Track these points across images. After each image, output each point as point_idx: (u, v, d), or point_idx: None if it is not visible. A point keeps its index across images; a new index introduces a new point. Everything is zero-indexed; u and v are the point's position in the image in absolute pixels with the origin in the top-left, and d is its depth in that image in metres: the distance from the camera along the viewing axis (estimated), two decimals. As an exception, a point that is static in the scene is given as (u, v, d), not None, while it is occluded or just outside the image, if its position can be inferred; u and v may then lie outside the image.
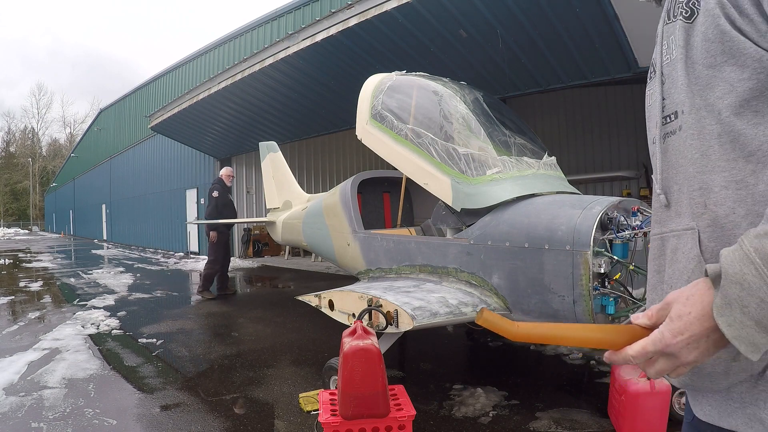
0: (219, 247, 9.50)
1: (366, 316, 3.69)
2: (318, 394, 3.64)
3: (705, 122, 0.97)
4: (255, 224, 16.43)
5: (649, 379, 3.16)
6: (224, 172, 9.83)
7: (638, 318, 0.94)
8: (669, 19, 1.07)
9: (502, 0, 6.93)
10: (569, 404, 3.92)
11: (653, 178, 1.14)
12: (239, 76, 10.94)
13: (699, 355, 0.86)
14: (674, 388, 3.35)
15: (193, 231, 19.59)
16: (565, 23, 7.21)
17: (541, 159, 4.42)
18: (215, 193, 9.43)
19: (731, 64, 0.92)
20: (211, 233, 9.49)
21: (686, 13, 1.00)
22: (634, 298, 3.40)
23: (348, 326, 3.33)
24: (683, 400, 3.41)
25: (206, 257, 10.10)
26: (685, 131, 1.01)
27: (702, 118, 0.98)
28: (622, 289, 3.38)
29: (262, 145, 9.05)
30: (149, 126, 16.60)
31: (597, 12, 6.82)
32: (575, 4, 6.74)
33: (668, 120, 1.07)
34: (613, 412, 3.50)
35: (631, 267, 3.35)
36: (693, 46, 0.99)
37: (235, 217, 9.63)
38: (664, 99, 1.09)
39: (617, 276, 3.34)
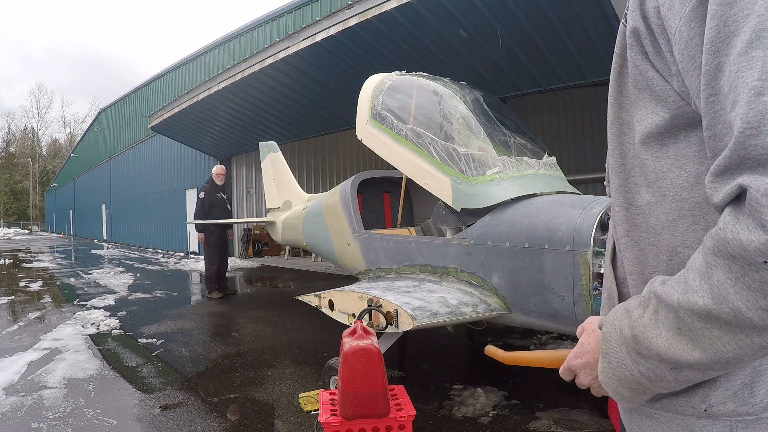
0: (210, 248, 9.45)
1: (366, 316, 3.69)
2: (318, 394, 3.63)
3: (625, 138, 0.97)
4: (255, 224, 16.41)
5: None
6: (214, 170, 9.70)
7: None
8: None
9: (501, 0, 6.94)
10: (569, 404, 3.92)
11: None
12: (239, 76, 10.93)
13: (592, 380, 0.97)
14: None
15: (193, 231, 19.54)
16: (565, 23, 7.20)
17: (541, 159, 4.42)
18: (201, 194, 9.35)
19: (648, 95, 0.89)
20: (198, 234, 9.49)
21: (624, 24, 0.94)
22: (634, 297, 3.39)
23: (348, 326, 3.32)
24: None
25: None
26: (611, 143, 1.02)
27: (623, 134, 0.97)
28: None
29: (262, 145, 9.05)
30: (149, 126, 16.59)
31: (597, 12, 6.82)
32: (575, 4, 6.74)
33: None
34: (613, 412, 3.49)
35: (632, 267, 3.34)
36: (627, 60, 0.94)
37: (229, 217, 9.53)
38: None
39: None
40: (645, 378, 0.82)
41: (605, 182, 1.15)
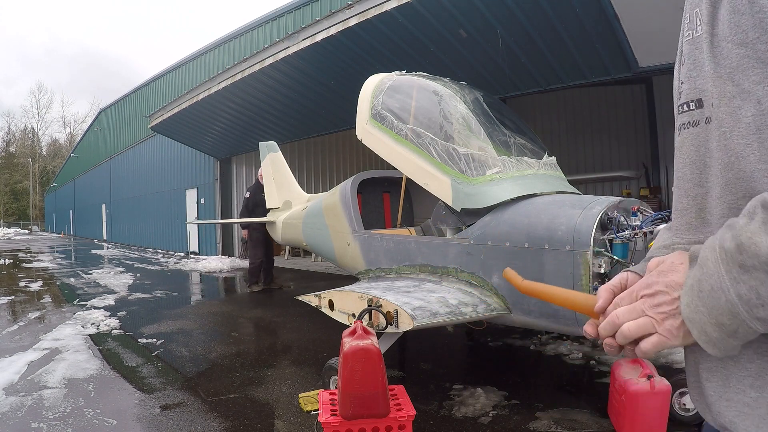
0: (253, 244, 10.31)
1: (366, 316, 3.69)
2: (318, 394, 3.63)
3: (740, 114, 0.80)
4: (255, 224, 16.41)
5: (649, 379, 3.15)
6: (260, 171, 10.10)
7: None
8: None
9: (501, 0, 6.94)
10: (569, 404, 3.92)
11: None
12: (239, 76, 10.94)
13: (664, 320, 0.82)
14: (674, 388, 3.35)
15: (193, 231, 19.57)
16: (565, 23, 7.20)
17: (541, 159, 4.42)
18: (247, 194, 10.19)
19: (765, 41, 0.76)
20: (243, 231, 10.57)
21: None
22: (633, 297, 3.39)
23: (348, 326, 3.33)
24: (683, 400, 3.41)
25: (206, 257, 10.39)
26: (715, 126, 0.85)
27: (736, 109, 0.80)
28: None
29: (262, 145, 9.05)
30: (149, 126, 16.59)
31: (597, 12, 6.81)
32: (575, 3, 6.74)
33: (686, 108, 0.92)
34: (613, 412, 3.50)
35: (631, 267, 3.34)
36: (719, 20, 0.82)
37: None
38: (682, 83, 0.93)
39: None
40: (744, 303, 0.71)
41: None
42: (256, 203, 9.82)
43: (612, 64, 8.08)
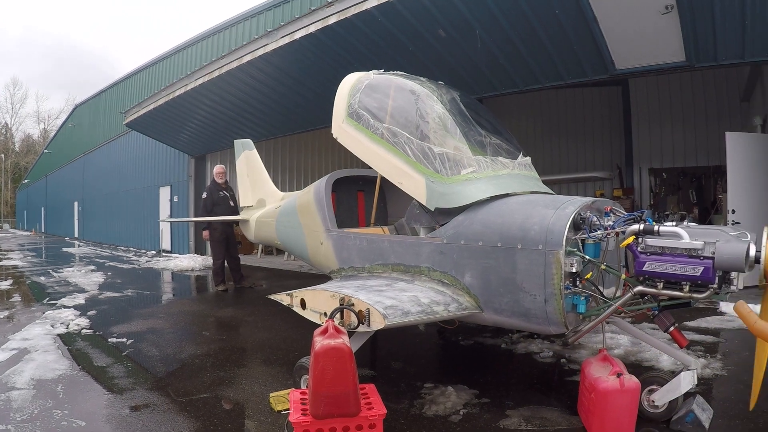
0: (214, 244, 10.08)
1: (338, 315, 3.67)
2: (289, 393, 3.61)
3: None
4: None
5: (619, 377, 3.20)
6: (214, 170, 10.26)
7: None
8: None
9: (481, 0, 6.97)
10: (539, 402, 3.95)
11: None
12: (217, 73, 10.88)
13: None
14: (643, 386, 3.40)
15: (165, 229, 19.34)
16: (544, 24, 7.26)
17: (516, 159, 4.45)
18: (204, 194, 10.03)
19: None
20: (203, 232, 10.15)
21: None
22: (605, 297, 3.44)
23: (319, 325, 3.31)
24: (652, 397, 3.46)
25: (178, 255, 10.32)
26: None
27: None
28: (593, 288, 3.42)
29: (237, 142, 8.97)
30: (124, 122, 16.35)
31: (576, 14, 6.88)
32: (555, 5, 6.80)
33: None
34: (582, 409, 3.54)
35: (603, 266, 3.39)
36: None
37: (237, 213, 9.63)
38: None
39: (589, 275, 3.38)
40: None
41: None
42: (215, 202, 9.80)
43: (589, 66, 8.16)
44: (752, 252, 2.82)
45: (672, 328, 3.41)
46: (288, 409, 3.44)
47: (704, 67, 7.83)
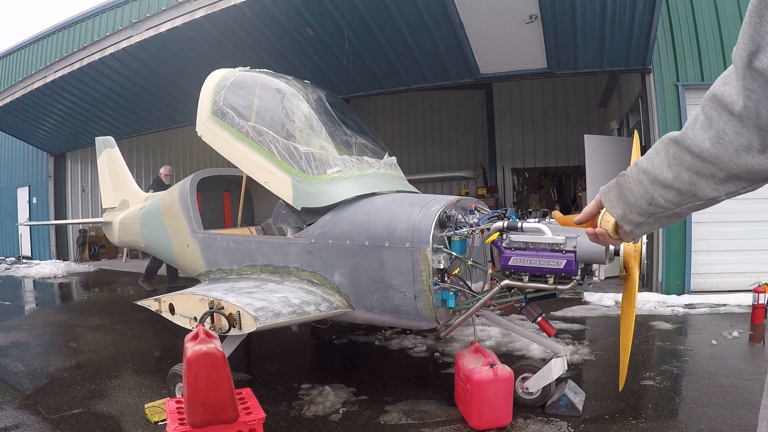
0: None
1: (208, 319, 3.55)
2: (164, 403, 3.44)
3: None
4: (90, 225, 15.22)
5: (492, 367, 3.35)
6: (161, 171, 9.92)
7: None
8: None
9: (351, 2, 7.04)
10: (417, 396, 4.05)
11: None
12: (78, 65, 10.26)
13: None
14: (516, 374, 3.59)
15: (25, 233, 17.64)
16: (412, 28, 7.48)
17: (382, 159, 4.54)
18: (150, 191, 9.19)
19: None
20: None
21: None
22: (473, 291, 3.59)
23: (190, 330, 3.19)
24: (526, 384, 3.67)
25: (39, 262, 9.52)
26: None
27: None
28: (461, 283, 3.57)
29: (99, 140, 8.39)
30: (-23, 118, 14.70)
31: (443, 19, 7.15)
32: (423, 9, 7.02)
33: None
34: (459, 400, 3.67)
35: (470, 262, 3.54)
36: None
37: None
38: None
39: (456, 271, 3.52)
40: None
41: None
42: None
43: (455, 70, 8.53)
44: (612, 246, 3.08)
45: (539, 319, 3.59)
46: (165, 420, 3.27)
47: (565, 74, 8.49)
